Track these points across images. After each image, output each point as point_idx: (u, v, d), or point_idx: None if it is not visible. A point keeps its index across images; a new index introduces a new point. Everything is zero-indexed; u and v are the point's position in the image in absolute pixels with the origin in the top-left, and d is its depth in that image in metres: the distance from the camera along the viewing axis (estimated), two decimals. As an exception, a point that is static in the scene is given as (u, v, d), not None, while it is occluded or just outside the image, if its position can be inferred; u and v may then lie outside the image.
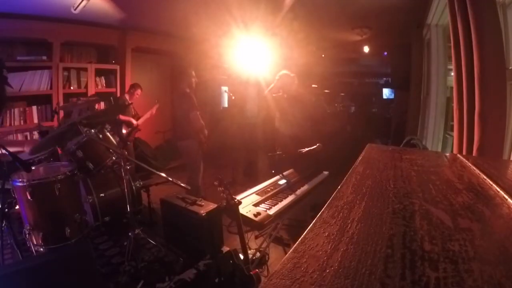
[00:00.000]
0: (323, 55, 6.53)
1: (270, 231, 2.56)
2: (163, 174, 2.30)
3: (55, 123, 3.84)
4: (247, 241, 2.45)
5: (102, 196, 2.67)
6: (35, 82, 3.80)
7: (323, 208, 0.54)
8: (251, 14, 3.36)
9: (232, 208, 1.82)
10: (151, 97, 4.96)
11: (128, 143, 4.26)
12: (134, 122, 4.28)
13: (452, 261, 0.37)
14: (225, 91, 5.94)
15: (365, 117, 8.20)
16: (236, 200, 1.83)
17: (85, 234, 2.18)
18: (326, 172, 2.85)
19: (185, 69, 3.46)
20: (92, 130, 2.44)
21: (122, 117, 4.13)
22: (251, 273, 1.81)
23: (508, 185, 0.62)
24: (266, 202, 2.15)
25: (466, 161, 0.84)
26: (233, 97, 5.09)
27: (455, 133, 1.61)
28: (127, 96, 4.21)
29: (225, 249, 2.21)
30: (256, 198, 2.18)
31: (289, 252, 0.41)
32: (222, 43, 3.75)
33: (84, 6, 3.19)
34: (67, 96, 4.13)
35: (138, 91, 4.28)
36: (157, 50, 5.35)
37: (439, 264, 0.37)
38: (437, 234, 0.44)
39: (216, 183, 1.87)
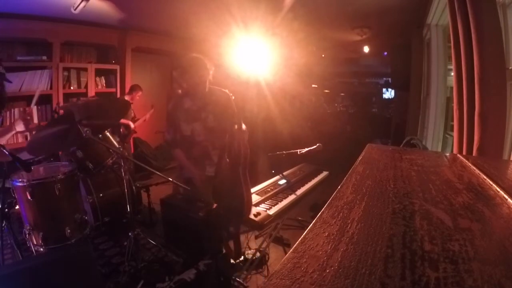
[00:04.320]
0: (323, 55, 6.53)
1: (270, 231, 2.56)
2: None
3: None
4: (247, 241, 2.46)
5: (102, 196, 2.67)
6: (35, 82, 3.80)
7: (323, 208, 0.54)
8: (251, 14, 3.36)
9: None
10: (151, 97, 4.96)
11: (125, 144, 4.28)
12: (132, 125, 4.29)
13: (452, 261, 0.37)
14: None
15: (365, 117, 8.20)
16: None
17: (85, 234, 2.17)
18: (326, 172, 2.85)
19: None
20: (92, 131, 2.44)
21: (122, 120, 4.14)
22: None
23: (508, 185, 0.62)
24: (266, 202, 2.15)
25: (466, 161, 0.84)
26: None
27: (455, 133, 1.61)
28: (127, 98, 4.21)
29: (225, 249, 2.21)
30: (256, 198, 2.18)
31: (289, 252, 0.41)
32: (222, 43, 3.74)
33: (84, 6, 3.19)
34: (67, 96, 4.13)
35: (139, 93, 4.29)
36: (157, 50, 5.35)
37: (439, 264, 0.37)
38: (437, 234, 0.44)
39: None
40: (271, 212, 2.00)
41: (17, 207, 1.97)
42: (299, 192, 2.35)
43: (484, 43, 1.26)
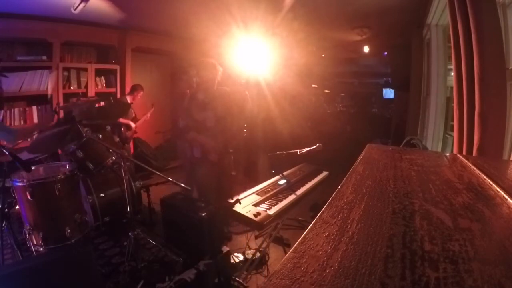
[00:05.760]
0: (323, 55, 6.52)
1: (270, 231, 2.56)
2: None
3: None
4: (247, 241, 2.46)
5: (102, 196, 2.67)
6: (35, 82, 3.80)
7: (323, 208, 0.54)
8: (251, 14, 3.36)
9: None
10: (151, 97, 4.96)
11: (126, 145, 4.29)
12: (133, 125, 4.29)
13: (452, 261, 0.37)
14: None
15: (365, 117, 8.20)
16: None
17: (85, 234, 2.17)
18: (326, 172, 2.85)
19: (186, 69, 3.46)
20: (92, 131, 2.44)
21: (122, 120, 4.14)
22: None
23: (508, 185, 0.62)
24: (266, 202, 2.15)
25: (466, 161, 0.84)
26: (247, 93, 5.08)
27: (455, 133, 1.61)
28: (128, 98, 4.22)
29: (225, 249, 2.22)
30: (256, 198, 2.18)
31: (289, 252, 0.41)
32: (222, 43, 3.75)
33: (84, 6, 3.19)
34: (67, 96, 4.13)
35: (140, 93, 4.29)
36: (157, 50, 5.35)
37: (439, 264, 0.37)
38: (437, 234, 0.44)
39: None
40: (271, 212, 2.00)
41: (17, 207, 1.97)
42: (299, 192, 2.34)
43: (484, 43, 1.25)
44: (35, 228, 1.94)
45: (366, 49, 5.50)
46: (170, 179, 2.23)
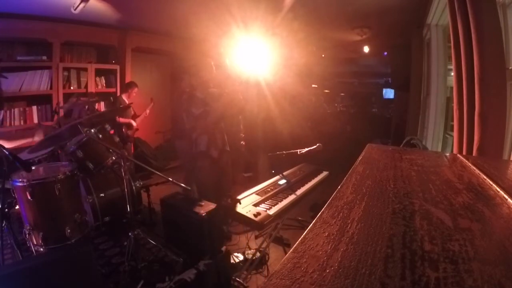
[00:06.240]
0: (323, 55, 6.52)
1: (270, 231, 2.56)
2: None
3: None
4: (247, 241, 2.46)
5: (102, 196, 2.67)
6: (35, 82, 3.80)
7: (323, 208, 0.54)
8: (251, 14, 3.36)
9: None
10: (150, 97, 4.96)
11: (129, 143, 4.29)
12: (134, 123, 4.30)
13: (452, 261, 0.37)
14: None
15: (365, 117, 8.20)
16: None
17: (85, 234, 2.17)
18: (326, 172, 2.85)
19: (187, 69, 3.46)
20: (92, 130, 2.44)
21: (121, 119, 4.14)
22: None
23: (508, 185, 0.62)
24: (266, 202, 2.15)
25: (466, 161, 0.84)
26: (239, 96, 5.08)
27: (455, 133, 1.61)
28: (124, 97, 4.21)
29: (225, 249, 2.22)
30: (256, 198, 2.18)
31: (289, 252, 0.41)
32: (222, 43, 3.75)
33: (84, 7, 3.18)
34: (67, 96, 4.13)
35: (135, 90, 4.29)
36: (157, 50, 5.35)
37: (439, 264, 0.37)
38: (437, 234, 0.44)
39: None
40: (271, 212, 2.00)
41: (17, 207, 1.97)
42: (299, 192, 2.34)
43: (484, 43, 1.25)
44: (35, 228, 1.94)
45: (366, 49, 5.50)
46: (170, 179, 2.23)
